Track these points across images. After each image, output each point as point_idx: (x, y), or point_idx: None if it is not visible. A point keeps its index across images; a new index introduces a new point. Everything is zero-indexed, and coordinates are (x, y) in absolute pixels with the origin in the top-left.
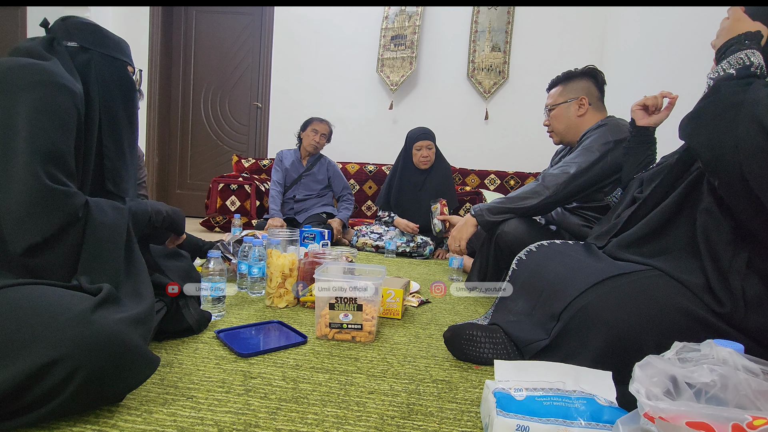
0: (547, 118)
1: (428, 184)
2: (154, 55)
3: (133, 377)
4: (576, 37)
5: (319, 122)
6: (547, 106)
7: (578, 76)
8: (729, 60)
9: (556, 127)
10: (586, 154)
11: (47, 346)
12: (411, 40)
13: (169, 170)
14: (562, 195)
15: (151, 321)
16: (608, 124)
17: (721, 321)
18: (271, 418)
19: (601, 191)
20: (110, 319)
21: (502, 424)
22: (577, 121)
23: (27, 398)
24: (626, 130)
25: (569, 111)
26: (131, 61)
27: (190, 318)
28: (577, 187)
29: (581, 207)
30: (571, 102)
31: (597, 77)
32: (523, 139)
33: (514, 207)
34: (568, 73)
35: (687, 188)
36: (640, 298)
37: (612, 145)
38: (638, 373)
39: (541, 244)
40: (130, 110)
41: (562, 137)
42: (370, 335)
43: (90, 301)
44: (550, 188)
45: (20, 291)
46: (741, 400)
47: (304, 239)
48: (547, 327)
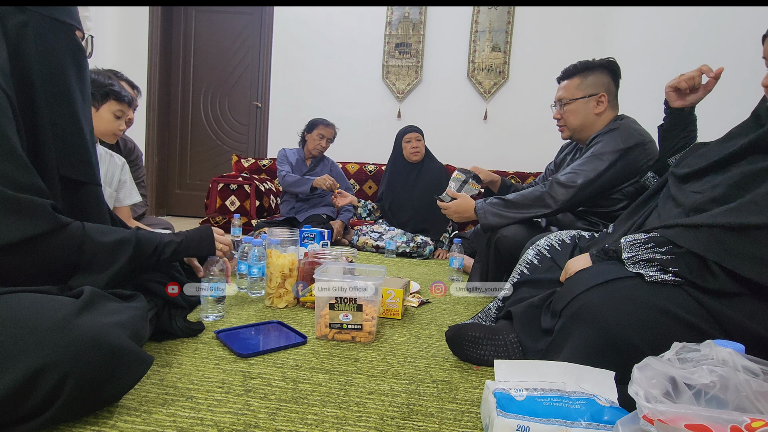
0: (558, 112)
1: (420, 181)
2: (154, 55)
3: (126, 377)
4: (576, 37)
5: (326, 126)
6: (561, 99)
7: (597, 69)
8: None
9: (570, 123)
10: (594, 162)
11: (32, 355)
12: (416, 49)
13: (168, 170)
14: (568, 205)
15: (143, 321)
16: (620, 128)
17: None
18: (270, 418)
19: (608, 198)
20: (96, 321)
21: (502, 425)
22: (594, 118)
23: (23, 409)
24: (638, 135)
25: (587, 107)
26: (80, 25)
27: (178, 331)
28: (584, 196)
29: (587, 212)
30: (591, 98)
31: (616, 72)
32: (524, 139)
33: (519, 216)
34: (585, 64)
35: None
36: (638, 302)
37: (622, 152)
38: (637, 375)
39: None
40: (83, 81)
41: (574, 133)
42: (370, 335)
43: (73, 305)
44: (558, 201)
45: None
46: (741, 401)
47: (304, 239)
48: (551, 325)
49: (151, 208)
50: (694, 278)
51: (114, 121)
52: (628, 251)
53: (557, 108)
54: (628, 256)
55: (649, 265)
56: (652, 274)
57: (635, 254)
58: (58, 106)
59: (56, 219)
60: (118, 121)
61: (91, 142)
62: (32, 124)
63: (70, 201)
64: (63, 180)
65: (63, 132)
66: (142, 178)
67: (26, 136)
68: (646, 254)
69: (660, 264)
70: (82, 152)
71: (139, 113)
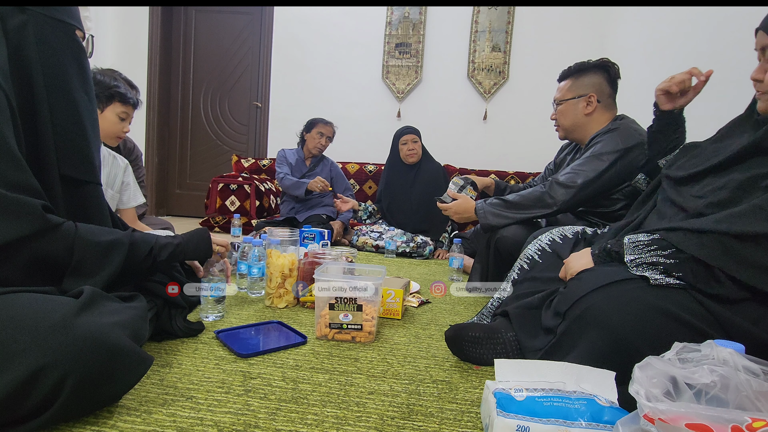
0: (554, 112)
1: (418, 182)
2: (154, 55)
3: (126, 377)
4: (576, 37)
5: (324, 125)
6: (555, 99)
7: (591, 70)
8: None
9: (562, 123)
10: (594, 162)
11: (32, 355)
12: (416, 50)
13: (168, 170)
14: (568, 206)
15: (143, 321)
16: (619, 129)
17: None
18: (270, 418)
19: (608, 198)
20: (95, 321)
21: (502, 425)
22: (584, 119)
23: (23, 408)
24: (638, 135)
25: (577, 108)
26: (80, 24)
27: (178, 331)
28: (584, 196)
29: (587, 212)
30: (580, 99)
31: (610, 71)
32: (524, 139)
33: (519, 217)
34: (580, 65)
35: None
36: (642, 304)
37: (622, 152)
38: (638, 374)
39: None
40: (86, 81)
41: (567, 133)
42: (370, 335)
43: (73, 305)
44: (558, 201)
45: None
46: (741, 401)
47: (304, 239)
48: (553, 324)
49: (151, 208)
50: (698, 284)
51: (118, 123)
52: (631, 253)
53: (554, 108)
54: (631, 259)
55: (653, 268)
56: (657, 277)
57: (638, 257)
58: (59, 105)
59: (46, 219)
60: (122, 123)
61: (95, 141)
62: (32, 124)
63: (71, 200)
64: (64, 179)
65: (64, 131)
66: (142, 178)
67: (26, 135)
68: (650, 258)
69: (664, 267)
70: (84, 151)
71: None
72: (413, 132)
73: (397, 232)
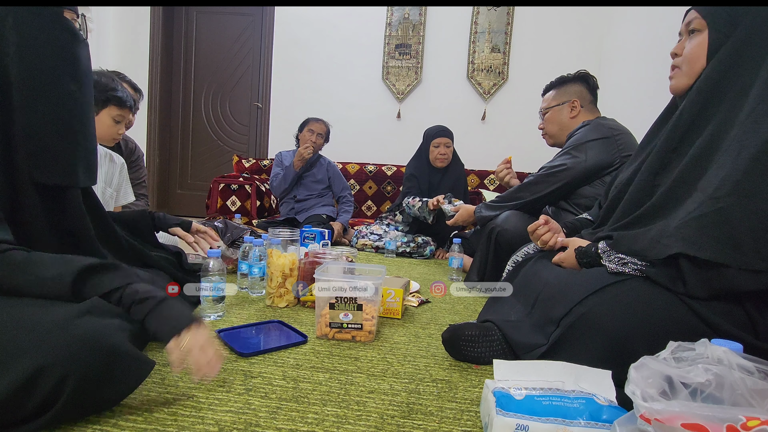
0: (542, 122)
1: (442, 186)
2: (155, 56)
3: (126, 379)
4: (575, 37)
5: (315, 122)
6: (541, 110)
7: (571, 81)
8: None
9: (549, 130)
10: (566, 155)
11: (32, 355)
12: (416, 50)
13: (169, 170)
14: (544, 194)
15: None
16: (590, 124)
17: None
18: (271, 417)
19: (592, 186)
20: (95, 322)
21: (501, 424)
22: (570, 122)
23: (24, 409)
24: (608, 128)
25: (562, 113)
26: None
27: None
28: (562, 186)
29: (572, 204)
30: (564, 105)
31: (589, 81)
32: (523, 139)
33: (506, 206)
34: (561, 78)
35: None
36: (638, 306)
37: (591, 143)
38: (633, 375)
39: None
40: (77, 70)
41: (555, 139)
42: (370, 335)
43: (74, 308)
44: (534, 192)
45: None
46: (736, 399)
47: (305, 239)
48: (546, 331)
49: (152, 209)
50: (667, 284)
51: (113, 125)
52: (606, 259)
53: (540, 119)
54: (606, 265)
55: (627, 266)
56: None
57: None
58: (37, 105)
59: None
60: (118, 126)
61: (85, 139)
62: (6, 127)
63: (49, 206)
64: (38, 185)
65: (39, 134)
66: (143, 178)
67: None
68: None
69: (636, 268)
70: (63, 154)
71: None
72: (448, 135)
73: (398, 233)
